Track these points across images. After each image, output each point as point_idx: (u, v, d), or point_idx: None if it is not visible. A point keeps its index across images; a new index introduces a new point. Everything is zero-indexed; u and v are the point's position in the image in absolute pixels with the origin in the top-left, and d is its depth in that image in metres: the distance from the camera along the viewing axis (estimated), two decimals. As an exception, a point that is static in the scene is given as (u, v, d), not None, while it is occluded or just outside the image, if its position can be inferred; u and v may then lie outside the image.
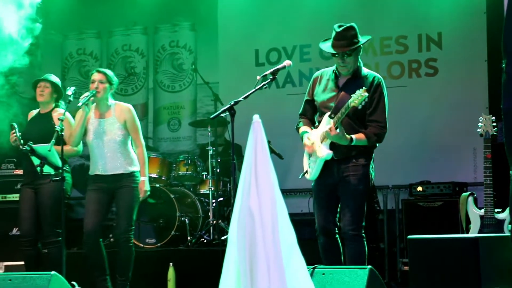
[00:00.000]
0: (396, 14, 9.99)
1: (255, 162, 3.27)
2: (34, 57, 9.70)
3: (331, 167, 5.61)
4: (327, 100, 5.74)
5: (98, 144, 6.71)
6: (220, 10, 10.81)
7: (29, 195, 7.04)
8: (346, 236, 5.63)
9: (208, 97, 10.76)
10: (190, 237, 9.12)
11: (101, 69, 6.99)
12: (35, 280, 5.21)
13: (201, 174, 9.61)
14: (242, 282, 3.20)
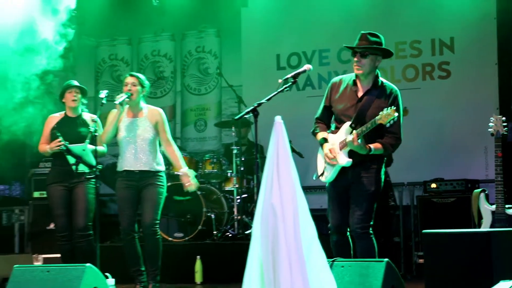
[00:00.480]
0: (411, 19, 9.95)
1: (277, 161, 3.27)
2: (68, 61, 9.76)
3: (347, 170, 5.60)
4: (347, 109, 5.69)
5: (129, 141, 6.74)
6: (243, 18, 10.82)
7: (62, 193, 7.05)
8: (355, 234, 5.62)
9: (232, 100, 10.76)
10: (216, 232, 9.12)
11: (134, 73, 7.02)
12: (71, 272, 5.23)
13: (226, 172, 9.62)
14: (265, 274, 3.20)
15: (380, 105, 5.56)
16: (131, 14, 10.76)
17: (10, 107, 8.46)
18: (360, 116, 5.58)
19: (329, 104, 5.82)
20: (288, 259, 3.17)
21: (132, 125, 6.76)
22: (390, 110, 5.33)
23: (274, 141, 3.30)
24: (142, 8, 10.61)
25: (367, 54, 5.63)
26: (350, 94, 5.71)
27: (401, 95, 5.78)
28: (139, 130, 6.74)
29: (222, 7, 10.46)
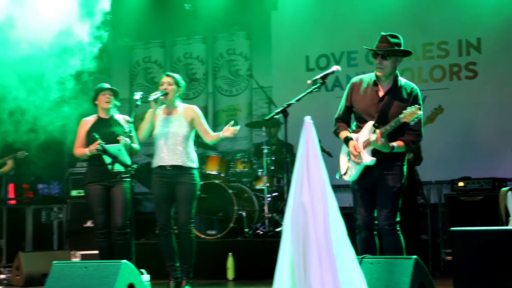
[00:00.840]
0: (438, 21, 9.90)
1: (307, 160, 3.27)
2: (103, 62, 9.84)
3: (371, 168, 5.57)
4: (369, 108, 5.67)
5: (163, 137, 6.77)
6: (273, 20, 10.83)
7: (99, 191, 7.09)
8: (383, 231, 5.59)
9: (262, 100, 10.78)
10: (247, 229, 9.14)
11: (170, 73, 7.06)
12: (108, 268, 5.27)
13: (256, 171, 9.61)
14: (296, 271, 3.21)
15: (401, 104, 5.55)
16: (165, 18, 10.81)
17: (47, 107, 8.54)
18: (383, 115, 5.56)
19: (350, 104, 5.80)
20: (318, 256, 3.17)
21: (166, 122, 6.80)
22: (414, 109, 5.31)
23: (304, 141, 3.30)
24: (175, 12, 10.66)
25: (389, 56, 5.61)
26: (372, 94, 5.69)
27: (429, 95, 5.75)
28: (174, 127, 6.77)
29: (253, 11, 10.47)
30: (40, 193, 10.58)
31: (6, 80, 8.35)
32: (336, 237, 3.23)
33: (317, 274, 3.17)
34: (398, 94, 5.62)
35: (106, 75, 11.16)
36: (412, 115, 5.29)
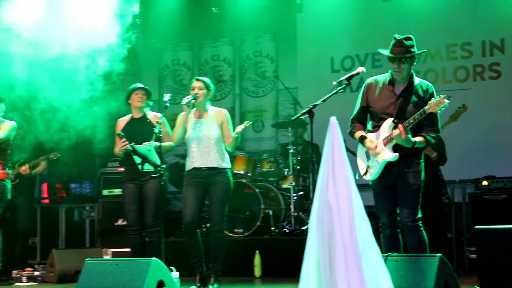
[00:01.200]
0: (461, 22, 9.84)
1: (333, 159, 3.26)
2: (132, 65, 9.89)
3: (391, 166, 5.54)
4: (386, 107, 5.64)
5: (196, 140, 6.79)
6: (298, 23, 10.82)
7: (133, 190, 7.13)
8: (406, 227, 5.55)
9: (288, 101, 10.77)
10: (273, 227, 9.14)
11: (200, 77, 7.05)
12: (138, 265, 5.29)
13: (283, 171, 9.61)
14: (322, 268, 3.20)
15: (418, 101, 5.55)
16: (193, 21, 10.83)
17: (77, 107, 8.58)
18: (400, 112, 5.54)
19: (366, 104, 5.77)
20: (344, 254, 3.15)
21: (198, 125, 6.81)
22: (440, 98, 5.31)
23: (329, 141, 3.29)
24: (203, 16, 10.67)
25: (406, 60, 5.58)
26: (388, 93, 5.66)
27: (453, 95, 5.72)
28: (205, 130, 6.78)
29: (278, 13, 10.46)
30: (72, 193, 10.64)
31: (37, 80, 8.41)
32: (362, 236, 3.21)
33: (343, 272, 3.16)
34: (414, 92, 5.61)
35: (135, 77, 11.21)
36: (439, 104, 5.29)
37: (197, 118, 6.85)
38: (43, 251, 9.71)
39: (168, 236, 8.74)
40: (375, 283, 3.19)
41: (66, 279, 8.34)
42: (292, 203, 9.20)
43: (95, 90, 8.68)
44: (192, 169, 6.80)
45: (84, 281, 5.31)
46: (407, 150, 5.49)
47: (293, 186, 9.24)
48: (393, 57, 5.56)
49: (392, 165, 5.53)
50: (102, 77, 8.62)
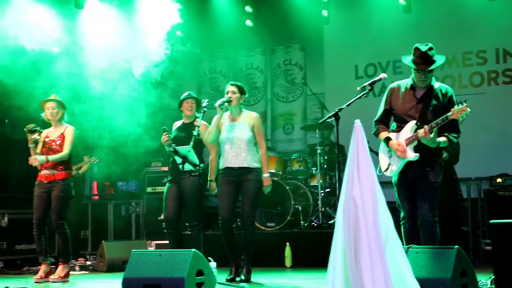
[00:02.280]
0: (476, 32, 9.76)
1: (357, 158, 3.25)
2: (173, 73, 9.92)
3: (411, 164, 5.50)
4: (408, 110, 5.60)
5: (229, 142, 6.78)
6: (325, 33, 10.80)
7: (173, 188, 7.15)
8: (426, 222, 5.50)
9: (316, 106, 10.75)
10: (302, 222, 9.12)
11: (234, 82, 7.04)
12: (180, 256, 5.29)
13: (311, 169, 9.60)
14: (347, 259, 3.18)
15: (438, 104, 5.51)
16: (228, 34, 10.85)
17: (124, 112, 8.65)
18: (422, 115, 5.51)
19: (389, 107, 5.73)
20: (368, 245, 3.14)
21: (232, 128, 6.79)
22: (463, 106, 5.27)
23: (354, 141, 3.27)
24: (237, 28, 10.69)
25: (431, 71, 5.54)
26: (410, 96, 5.62)
27: (468, 99, 5.67)
28: (238, 132, 6.75)
29: (307, 25, 10.44)
30: (119, 190, 10.73)
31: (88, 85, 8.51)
32: (384, 229, 3.19)
33: (367, 262, 3.14)
34: (434, 96, 5.57)
35: (177, 85, 11.26)
36: (461, 112, 5.26)
37: (231, 121, 6.84)
38: (93, 243, 9.81)
39: (206, 230, 8.77)
40: (397, 272, 3.17)
41: (114, 268, 8.40)
42: (320, 199, 9.18)
43: (140, 94, 8.76)
44: (225, 168, 6.79)
45: (130, 270, 5.34)
46: (428, 151, 5.45)
47: (321, 184, 9.22)
48: (421, 69, 5.51)
49: (412, 164, 5.49)
50: (147, 83, 8.70)
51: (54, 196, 7.36)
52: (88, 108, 8.63)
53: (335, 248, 3.27)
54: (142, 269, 5.29)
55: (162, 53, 8.80)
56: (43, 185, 7.40)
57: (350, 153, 3.31)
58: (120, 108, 8.59)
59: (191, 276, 5.14)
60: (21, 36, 8.51)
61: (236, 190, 6.76)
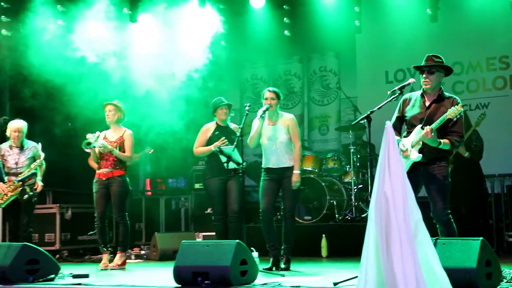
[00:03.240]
0: (498, 39, 9.61)
1: (388, 157, 3.23)
2: (218, 80, 10.00)
3: (417, 167, 5.45)
4: (417, 115, 5.60)
5: (270, 144, 6.79)
6: (357, 42, 10.73)
7: (218, 184, 7.20)
8: (441, 222, 5.44)
9: (349, 108, 10.71)
10: (337, 215, 9.09)
11: (272, 88, 7.03)
12: (225, 246, 5.32)
13: (345, 167, 9.57)
14: (379, 250, 3.17)
15: (444, 110, 5.46)
16: (268, 43, 10.86)
17: (174, 116, 8.72)
18: (429, 119, 5.49)
19: (401, 114, 5.73)
20: (399, 237, 3.12)
21: (271, 131, 6.80)
22: (457, 106, 5.31)
23: (385, 141, 3.26)
24: (276, 38, 10.68)
25: (434, 72, 5.52)
26: (420, 104, 5.64)
27: (492, 102, 5.61)
28: (277, 136, 6.77)
29: (340, 34, 10.39)
30: (170, 186, 10.82)
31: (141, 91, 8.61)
32: (414, 222, 3.17)
33: (398, 253, 3.12)
34: (442, 103, 5.56)
35: (222, 90, 11.31)
36: (456, 111, 5.28)
37: (271, 125, 6.84)
38: (147, 234, 9.93)
39: (249, 222, 8.79)
40: (426, 262, 3.15)
41: (166, 257, 8.50)
42: (353, 194, 9.15)
43: (187, 100, 8.82)
44: (267, 168, 6.81)
45: (180, 259, 5.39)
46: (434, 154, 5.44)
47: (354, 180, 9.19)
48: (421, 68, 5.57)
49: (418, 168, 5.45)
50: (193, 87, 8.76)
51: (113, 192, 7.46)
52: (145, 113, 8.73)
53: (368, 240, 3.26)
54: (191, 258, 5.33)
55: (206, 60, 8.86)
56: (102, 182, 7.51)
57: (381, 152, 3.29)
58: (171, 114, 8.67)
59: (235, 264, 5.17)
60: (83, 48, 8.71)
61: (276, 187, 6.77)
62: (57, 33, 9.03)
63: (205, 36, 9.11)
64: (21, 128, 7.79)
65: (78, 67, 8.61)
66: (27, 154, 7.77)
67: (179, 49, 8.84)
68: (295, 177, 6.70)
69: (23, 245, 6.14)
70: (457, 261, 4.47)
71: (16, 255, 5.93)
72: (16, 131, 7.74)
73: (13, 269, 5.85)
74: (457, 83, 9.96)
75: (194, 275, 5.17)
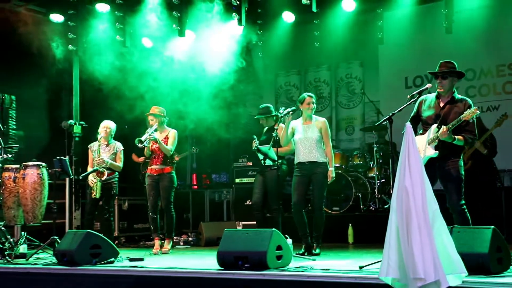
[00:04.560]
0: (508, 48, 9.44)
1: (408, 154, 3.22)
2: (257, 87, 10.02)
3: (433, 162, 5.40)
4: (432, 115, 5.57)
5: (302, 141, 6.78)
6: (380, 52, 10.64)
7: (259, 178, 7.26)
8: (456, 211, 5.37)
9: (372, 111, 10.65)
10: (362, 206, 9.05)
11: (311, 94, 6.95)
12: (263, 234, 5.34)
13: (369, 163, 9.53)
14: (401, 237, 3.16)
15: (457, 110, 5.45)
16: (299, 53, 10.84)
17: (217, 117, 8.77)
18: (444, 119, 5.47)
19: (417, 114, 5.69)
20: (418, 226, 3.11)
21: (304, 130, 6.81)
22: (473, 109, 5.27)
23: (405, 140, 3.25)
24: (307, 49, 10.66)
25: (447, 77, 5.48)
26: (435, 105, 5.61)
27: (502, 104, 5.53)
28: (309, 133, 6.77)
29: (365, 45, 10.32)
30: (214, 181, 10.89)
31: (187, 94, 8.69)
32: (432, 212, 3.15)
33: (417, 240, 3.11)
34: (455, 104, 5.52)
35: (259, 96, 11.35)
36: (472, 114, 5.24)
37: (304, 124, 6.86)
38: (194, 223, 10.02)
39: (284, 213, 8.81)
40: (443, 248, 3.13)
41: (211, 244, 8.56)
42: (376, 188, 9.09)
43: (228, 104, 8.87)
44: (298, 163, 6.81)
45: (223, 245, 5.43)
46: (448, 150, 5.40)
47: (377, 175, 9.15)
48: (436, 73, 5.55)
49: (434, 163, 5.40)
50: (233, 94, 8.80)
51: (162, 186, 7.55)
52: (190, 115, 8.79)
53: (390, 228, 3.25)
54: (233, 244, 5.37)
55: (245, 68, 8.89)
56: (153, 177, 7.61)
57: (402, 150, 3.28)
58: (215, 116, 8.72)
59: (272, 250, 5.19)
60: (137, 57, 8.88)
61: (307, 180, 6.76)
62: (115, 47, 9.19)
63: (243, 48, 9.18)
64: (109, 126, 7.86)
65: (132, 75, 8.75)
66: (111, 150, 7.85)
67: (220, 57, 8.91)
68: (330, 172, 6.70)
69: (87, 232, 6.27)
70: (471, 247, 4.43)
71: (81, 241, 6.06)
72: (105, 128, 7.80)
73: (78, 253, 5.98)
74: (470, 88, 9.83)
75: (235, 259, 5.21)
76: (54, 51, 8.84)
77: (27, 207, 7.44)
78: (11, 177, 7.52)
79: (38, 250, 7.07)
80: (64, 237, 6.42)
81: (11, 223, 7.58)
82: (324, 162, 6.73)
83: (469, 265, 3.48)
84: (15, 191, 7.50)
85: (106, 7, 8.85)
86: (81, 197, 9.34)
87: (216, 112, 8.74)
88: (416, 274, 3.05)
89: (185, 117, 8.76)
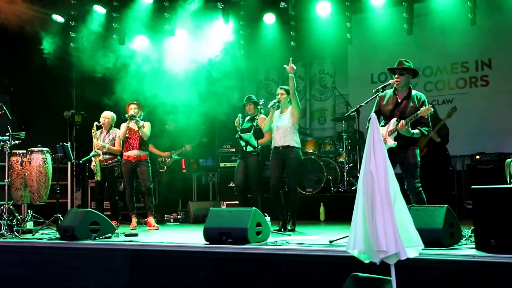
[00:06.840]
0: (461, 48, 9.51)
1: (373, 142, 3.23)
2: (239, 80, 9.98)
3: (393, 151, 5.43)
4: (391, 109, 5.60)
5: (278, 128, 6.76)
6: (349, 50, 10.66)
7: (241, 163, 7.24)
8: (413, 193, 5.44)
9: (342, 103, 10.68)
10: (333, 188, 9.11)
11: (282, 86, 7.02)
12: (244, 212, 5.30)
13: (339, 150, 9.57)
14: (366, 215, 3.18)
15: (413, 105, 5.50)
16: (278, 51, 10.79)
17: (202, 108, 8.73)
18: (402, 113, 5.52)
19: (379, 108, 5.70)
20: (381, 204, 3.13)
21: (280, 118, 6.79)
22: (428, 106, 5.32)
23: (371, 129, 3.26)
24: (285, 47, 10.61)
25: (404, 73, 5.50)
26: (393, 100, 5.64)
27: (455, 98, 5.57)
28: (284, 121, 6.75)
29: (335, 45, 10.31)
30: (201, 165, 10.86)
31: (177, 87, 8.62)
32: (393, 193, 3.17)
33: (380, 217, 3.13)
34: (411, 99, 5.56)
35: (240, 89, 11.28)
36: (426, 111, 5.31)
37: (280, 113, 6.83)
38: (183, 202, 9.98)
39: (263, 194, 8.82)
40: (403, 225, 3.15)
41: (198, 221, 8.55)
42: (345, 171, 9.14)
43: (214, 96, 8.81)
44: (274, 147, 6.79)
45: (209, 222, 5.43)
46: (406, 140, 5.44)
47: (346, 160, 9.19)
48: (394, 70, 5.60)
49: (394, 151, 5.44)
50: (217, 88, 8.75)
51: (141, 171, 7.57)
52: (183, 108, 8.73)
53: (357, 207, 3.27)
54: (217, 221, 5.37)
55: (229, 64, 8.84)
56: (131, 163, 7.61)
57: (368, 137, 3.29)
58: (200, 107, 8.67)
59: (252, 226, 5.21)
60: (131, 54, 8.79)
61: (282, 164, 6.74)
62: (113, 45, 9.12)
63: (228, 46, 9.13)
64: (108, 116, 7.89)
65: (126, 68, 8.69)
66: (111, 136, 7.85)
67: (206, 54, 8.87)
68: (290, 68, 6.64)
69: (87, 210, 6.23)
70: (427, 223, 4.48)
71: (82, 218, 6.03)
72: (104, 117, 7.85)
73: (79, 229, 5.95)
74: (428, 83, 9.90)
75: (219, 234, 5.23)
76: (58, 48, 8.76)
77: (33, 188, 7.37)
78: (18, 161, 7.43)
79: (43, 226, 7.10)
80: (66, 215, 6.39)
81: (18, 202, 7.53)
82: (296, 147, 6.71)
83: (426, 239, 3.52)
84: (22, 173, 7.42)
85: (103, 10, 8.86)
86: (82, 179, 9.26)
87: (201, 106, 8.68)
88: (379, 247, 3.08)
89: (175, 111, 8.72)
